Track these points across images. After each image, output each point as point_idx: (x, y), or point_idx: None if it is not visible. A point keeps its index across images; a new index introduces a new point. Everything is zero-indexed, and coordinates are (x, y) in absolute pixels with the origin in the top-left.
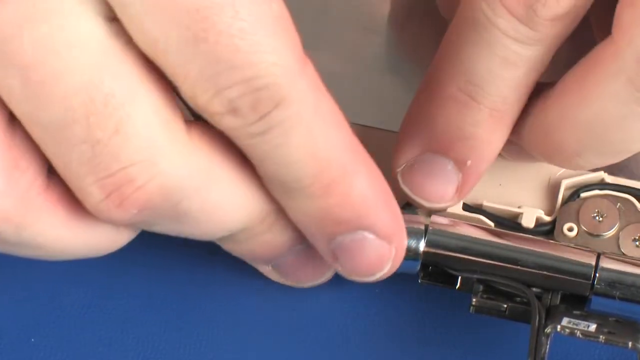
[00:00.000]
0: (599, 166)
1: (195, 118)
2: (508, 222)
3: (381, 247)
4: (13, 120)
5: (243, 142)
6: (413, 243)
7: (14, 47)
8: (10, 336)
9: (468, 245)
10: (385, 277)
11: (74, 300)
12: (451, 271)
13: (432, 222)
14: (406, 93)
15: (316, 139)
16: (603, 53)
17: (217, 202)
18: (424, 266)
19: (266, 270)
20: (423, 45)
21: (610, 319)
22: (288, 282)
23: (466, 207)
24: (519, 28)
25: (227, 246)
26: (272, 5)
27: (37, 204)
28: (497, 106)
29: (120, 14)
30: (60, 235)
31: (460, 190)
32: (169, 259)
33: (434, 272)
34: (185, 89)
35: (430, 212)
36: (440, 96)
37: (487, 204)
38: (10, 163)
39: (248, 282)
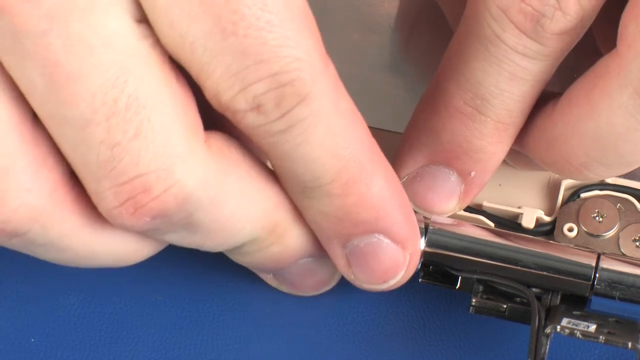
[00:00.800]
0: (606, 177)
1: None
2: (508, 222)
3: (396, 253)
4: (36, 119)
5: (264, 140)
6: None
7: (45, 42)
8: (10, 336)
9: (468, 245)
10: (397, 286)
11: (74, 300)
12: (451, 271)
13: (432, 222)
14: (406, 93)
15: (336, 137)
16: (609, 65)
17: (230, 214)
18: (424, 266)
19: (267, 277)
20: (429, 48)
21: (610, 319)
22: (286, 290)
23: (466, 207)
24: (527, 43)
25: (234, 257)
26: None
27: (64, 204)
28: (502, 119)
29: (150, 9)
30: (86, 239)
31: (462, 200)
32: (170, 259)
33: (434, 272)
34: (209, 87)
35: None
36: (446, 109)
37: (487, 204)
38: (38, 160)
39: (248, 283)
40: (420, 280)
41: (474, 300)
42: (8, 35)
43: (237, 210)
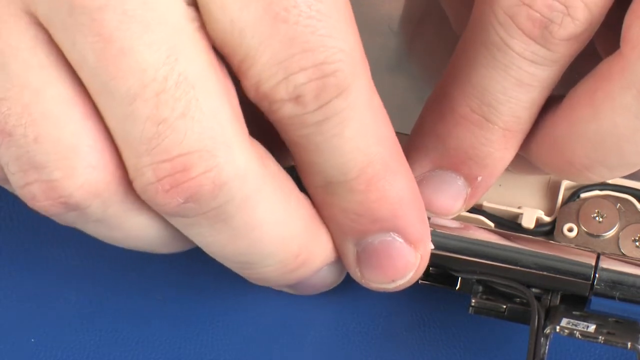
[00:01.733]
0: (608, 179)
1: None
2: (508, 223)
3: (408, 253)
4: (91, 97)
5: (296, 132)
6: None
7: (100, 17)
8: (10, 336)
9: (468, 246)
10: (404, 287)
11: (74, 300)
12: (451, 272)
13: (432, 223)
14: (408, 93)
15: (367, 133)
16: (612, 67)
17: (260, 222)
18: None
19: None
20: (431, 49)
21: (609, 319)
22: (287, 291)
23: None
24: (535, 49)
25: (250, 274)
26: None
27: (126, 183)
28: (510, 126)
29: None
30: (139, 220)
31: (467, 203)
32: (170, 259)
33: (434, 272)
34: (252, 75)
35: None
36: (452, 116)
37: (487, 204)
38: (102, 137)
39: (248, 283)
40: (420, 280)
41: (473, 300)
42: (64, 9)
43: (266, 223)
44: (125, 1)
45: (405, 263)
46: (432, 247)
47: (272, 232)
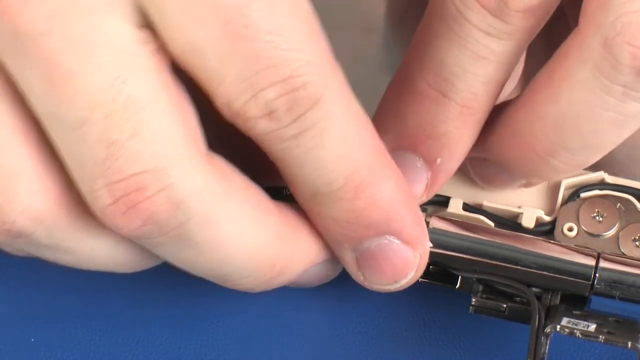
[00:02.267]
0: (575, 170)
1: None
2: (508, 222)
3: (407, 253)
4: (39, 124)
5: (275, 146)
6: None
7: (43, 42)
8: (10, 336)
9: (468, 245)
10: (406, 286)
11: (74, 300)
12: (451, 270)
13: (432, 222)
14: None
15: (347, 140)
16: (570, 44)
17: (226, 237)
18: None
19: None
20: None
21: (609, 319)
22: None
23: (466, 207)
24: (491, 21)
25: (233, 286)
26: (303, 4)
27: (70, 208)
28: (467, 103)
29: (157, 16)
30: (89, 243)
31: (429, 189)
32: None
33: (434, 271)
34: (220, 95)
35: (430, 212)
36: (410, 92)
37: (487, 204)
38: (44, 164)
39: None
40: (420, 280)
41: (473, 299)
42: (7, 36)
43: (233, 236)
44: (69, 26)
45: (404, 264)
46: (430, 245)
47: (240, 245)
